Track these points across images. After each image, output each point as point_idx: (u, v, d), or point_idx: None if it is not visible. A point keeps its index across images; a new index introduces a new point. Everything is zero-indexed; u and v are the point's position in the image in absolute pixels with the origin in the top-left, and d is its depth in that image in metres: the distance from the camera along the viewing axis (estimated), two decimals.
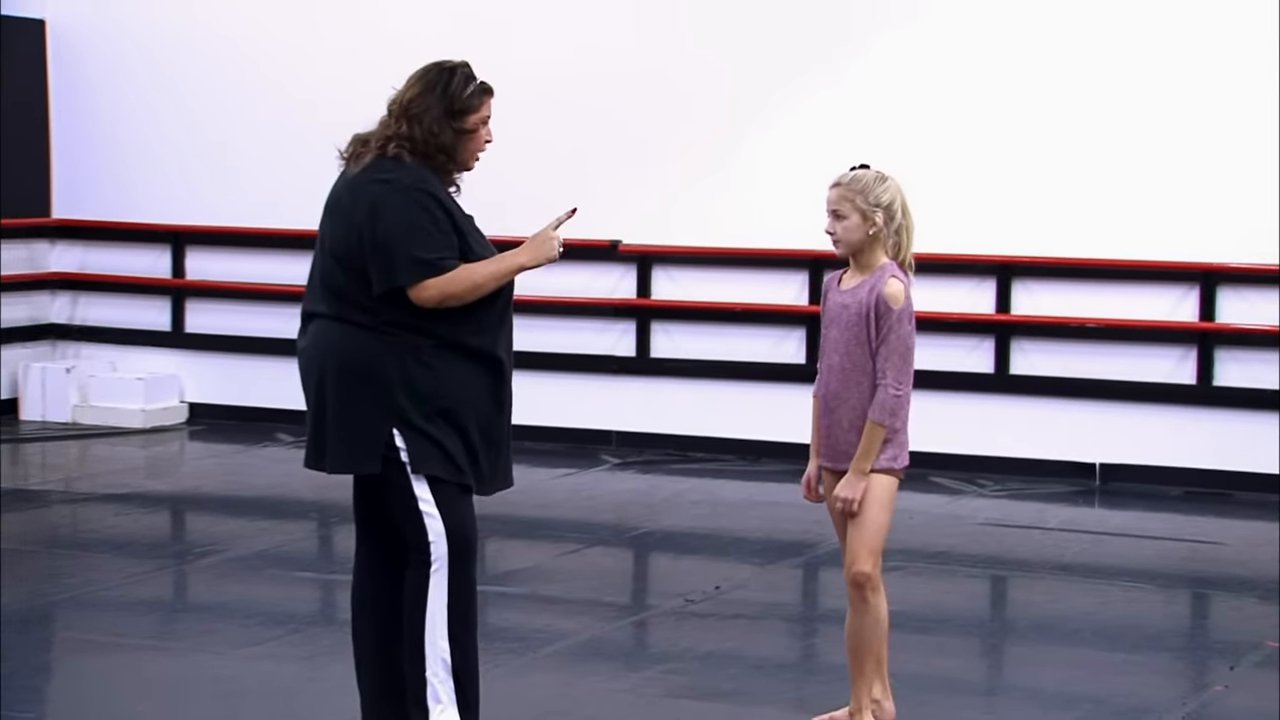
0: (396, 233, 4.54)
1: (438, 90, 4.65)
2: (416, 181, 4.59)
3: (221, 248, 10.96)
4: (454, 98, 4.66)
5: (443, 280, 4.55)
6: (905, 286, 4.84)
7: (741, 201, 9.93)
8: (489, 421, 4.68)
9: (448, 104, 4.65)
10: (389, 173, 4.59)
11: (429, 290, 4.55)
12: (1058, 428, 9.45)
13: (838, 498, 4.87)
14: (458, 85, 4.67)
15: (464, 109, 4.66)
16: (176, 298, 11.09)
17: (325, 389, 4.66)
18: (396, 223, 4.54)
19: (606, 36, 10.15)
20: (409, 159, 4.61)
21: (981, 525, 8.34)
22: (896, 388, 4.81)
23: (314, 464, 4.73)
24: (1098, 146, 9.34)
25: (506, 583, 6.99)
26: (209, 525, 8.27)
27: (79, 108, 11.16)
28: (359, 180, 4.63)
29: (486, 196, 5.12)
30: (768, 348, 9.95)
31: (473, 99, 4.68)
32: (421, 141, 4.62)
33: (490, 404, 4.68)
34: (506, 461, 4.78)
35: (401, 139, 4.62)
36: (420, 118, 4.63)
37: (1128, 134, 9.30)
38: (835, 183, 4.90)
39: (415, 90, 4.66)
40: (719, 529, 8.23)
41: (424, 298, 4.55)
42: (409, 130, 4.62)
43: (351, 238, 4.60)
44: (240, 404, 10.88)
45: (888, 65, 9.66)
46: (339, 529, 7.96)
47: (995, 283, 9.55)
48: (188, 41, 10.92)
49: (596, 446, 10.17)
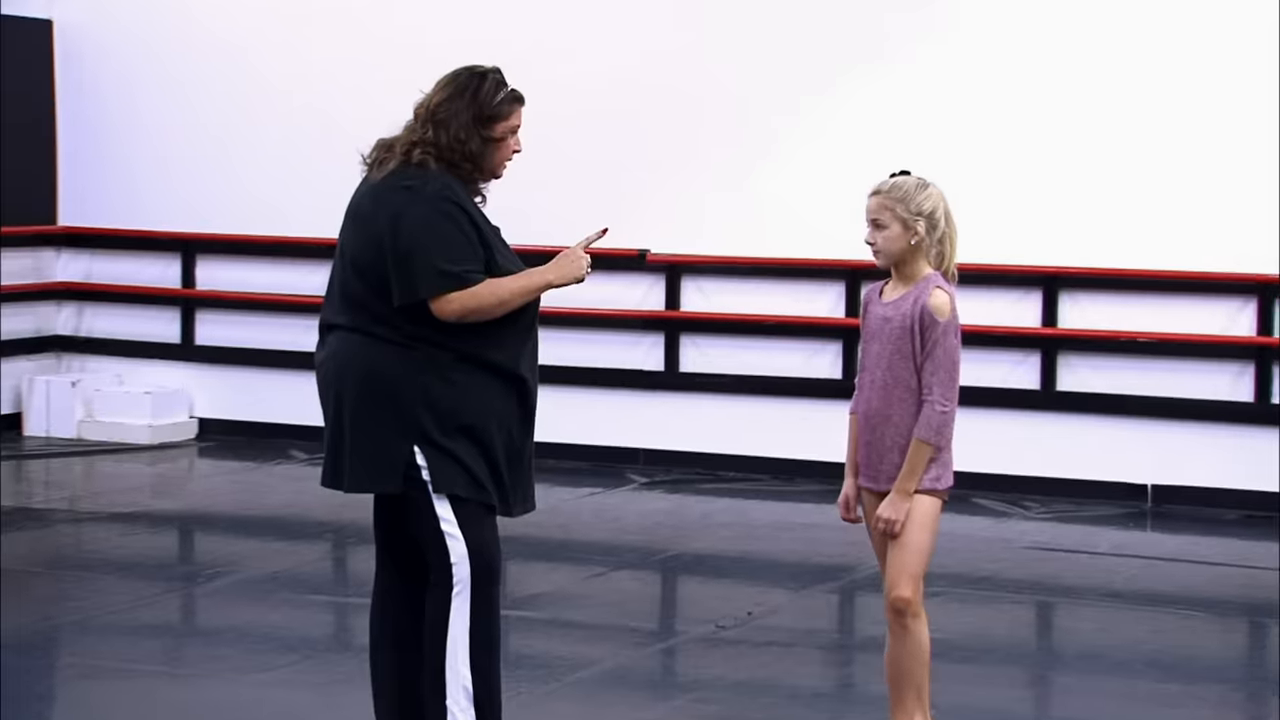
0: (420, 243, 4.54)
1: (467, 96, 4.65)
2: (442, 190, 4.59)
3: (233, 256, 10.99)
4: (483, 104, 4.66)
5: (466, 295, 4.55)
6: (951, 298, 4.83)
7: (775, 209, 9.93)
8: (512, 440, 4.68)
9: (477, 110, 4.65)
10: (413, 180, 4.59)
11: (452, 304, 4.55)
12: (1107, 447, 9.41)
13: (880, 518, 4.86)
14: (488, 92, 4.67)
15: (493, 116, 4.67)
16: (186, 309, 11.13)
17: (343, 404, 4.66)
18: (420, 232, 4.54)
19: (635, 39, 10.16)
20: (434, 166, 4.61)
21: (1027, 549, 8.32)
22: (943, 404, 4.80)
23: (331, 482, 4.74)
24: (1150, 151, 9.31)
25: (529, 607, 6.99)
26: (219, 546, 8.28)
27: (86, 111, 11.22)
28: (381, 187, 4.63)
29: (509, 204, 5.12)
30: (802, 362, 9.94)
31: (502, 106, 4.68)
32: (448, 148, 4.62)
33: (514, 422, 4.68)
34: (529, 483, 4.78)
35: (427, 145, 4.62)
36: (447, 123, 4.63)
37: (1182, 138, 9.26)
38: (875, 190, 4.89)
39: (444, 95, 4.66)
40: (751, 551, 8.21)
41: (446, 312, 4.55)
42: (435, 136, 4.62)
43: (372, 247, 4.60)
44: (252, 419, 10.90)
45: (928, 69, 9.65)
46: (355, 550, 7.97)
47: (1041, 294, 9.53)
48: (199, 43, 10.97)
49: (623, 465, 10.16)
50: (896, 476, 4.85)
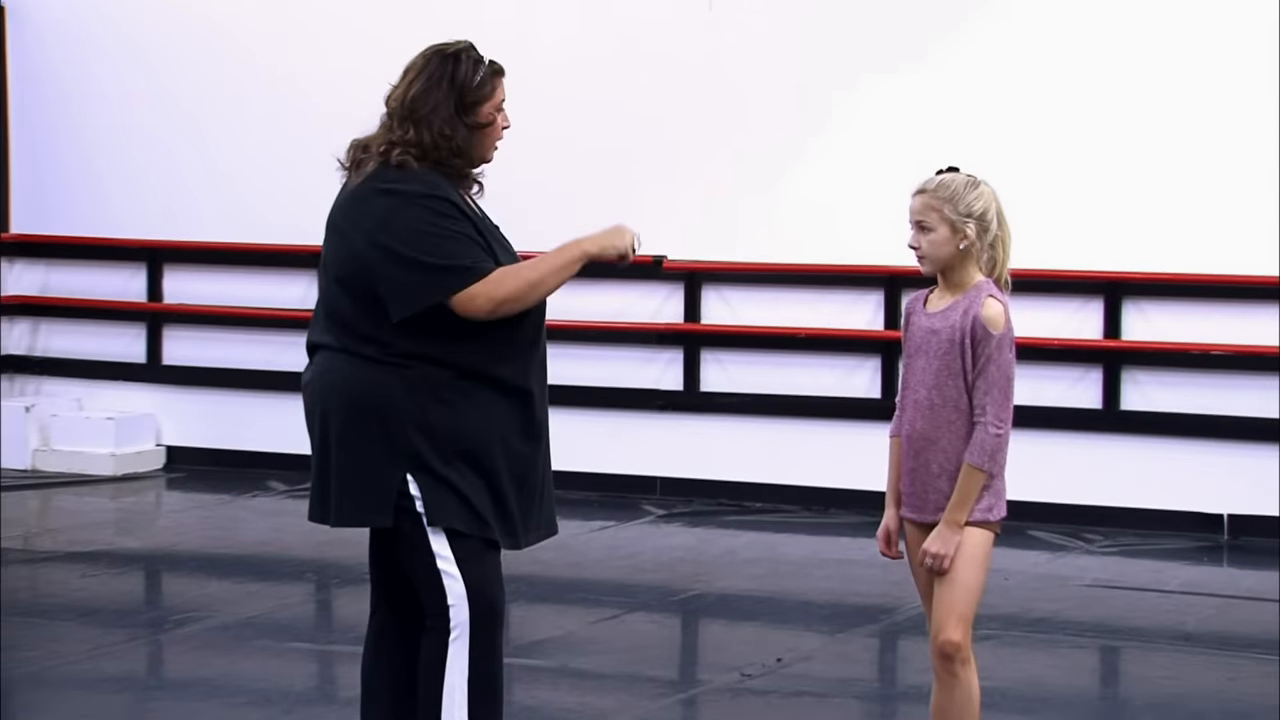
0: (416, 246, 4.53)
1: (445, 84, 4.65)
2: (429, 189, 4.59)
3: (206, 266, 11.01)
4: (464, 89, 4.66)
5: (489, 284, 4.52)
6: (1005, 308, 4.83)
7: (806, 211, 9.93)
8: (521, 462, 4.68)
9: (458, 98, 4.65)
10: (394, 182, 4.60)
11: (477, 300, 4.52)
12: (1178, 473, 9.39)
13: (927, 553, 4.85)
14: (465, 73, 4.66)
15: (476, 100, 4.67)
16: (153, 324, 11.15)
17: (329, 429, 4.67)
18: (413, 236, 4.53)
19: (651, 21, 10.17)
20: (416, 165, 4.61)
21: (1089, 587, 8.30)
22: (997, 426, 4.79)
23: (318, 516, 4.74)
24: (1221, 146, 9.30)
25: (534, 654, 6.98)
26: (190, 588, 8.28)
27: (43, 104, 11.24)
28: (361, 192, 4.63)
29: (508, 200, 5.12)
30: (837, 380, 9.93)
31: (484, 86, 4.68)
32: (433, 146, 4.63)
33: (522, 442, 4.68)
34: (548, 506, 4.78)
35: (409, 145, 4.61)
36: (428, 119, 4.63)
37: (1255, 130, 9.25)
38: (920, 189, 4.89)
39: (418, 87, 4.65)
40: (781, 591, 8.21)
41: (474, 309, 4.52)
42: (417, 135, 4.62)
43: (355, 260, 4.60)
44: (226, 447, 10.91)
45: (976, 58, 9.65)
46: (341, 592, 7.96)
47: (1103, 303, 9.52)
48: (170, 28, 10.99)
49: (638, 495, 10.16)
50: (944, 506, 4.84)
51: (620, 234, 4.74)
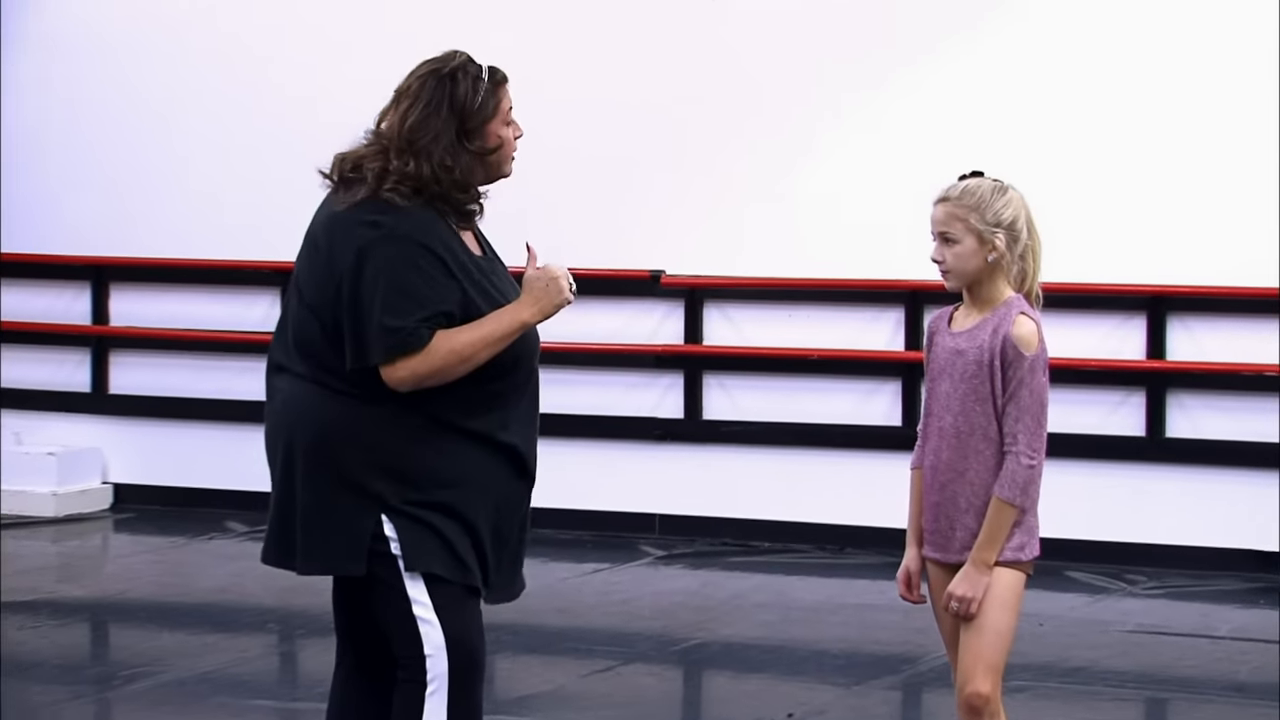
0: (376, 292, 4.55)
1: (444, 110, 4.66)
2: (414, 231, 4.60)
3: (156, 285, 11.00)
4: (465, 113, 4.68)
5: (417, 360, 4.56)
6: (1038, 326, 4.84)
7: (819, 220, 9.94)
8: (498, 512, 4.69)
9: (459, 124, 4.67)
10: (382, 214, 4.61)
11: (399, 371, 4.57)
12: (1229, 506, 9.39)
13: (952, 596, 4.85)
14: (465, 95, 4.68)
15: (480, 123, 4.69)
16: (98, 350, 11.14)
17: (294, 463, 4.67)
18: (380, 279, 4.55)
19: (649, 18, 10.18)
20: (406, 203, 4.61)
21: (1131, 633, 8.30)
22: (1030, 456, 4.79)
23: (277, 560, 4.74)
24: (1277, 143, 9.31)
25: (521, 711, 6.97)
26: (140, 641, 8.26)
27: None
28: (345, 219, 4.65)
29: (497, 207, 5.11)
30: (853, 406, 9.94)
31: (486, 105, 4.70)
32: (432, 179, 4.64)
33: (502, 497, 4.70)
34: (518, 566, 4.80)
35: (405, 178, 4.62)
36: (428, 150, 4.64)
37: None
38: (942, 197, 4.90)
39: (416, 115, 4.66)
40: (792, 640, 8.20)
41: (396, 379, 4.58)
42: (416, 168, 4.63)
43: (330, 286, 4.63)
44: (180, 485, 10.90)
45: (1001, 53, 9.66)
46: (306, 644, 7.95)
47: (1145, 319, 9.52)
48: (140, 21, 10.97)
49: (635, 535, 10.16)
50: (970, 545, 4.84)
51: (555, 288, 4.71)
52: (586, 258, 9.32)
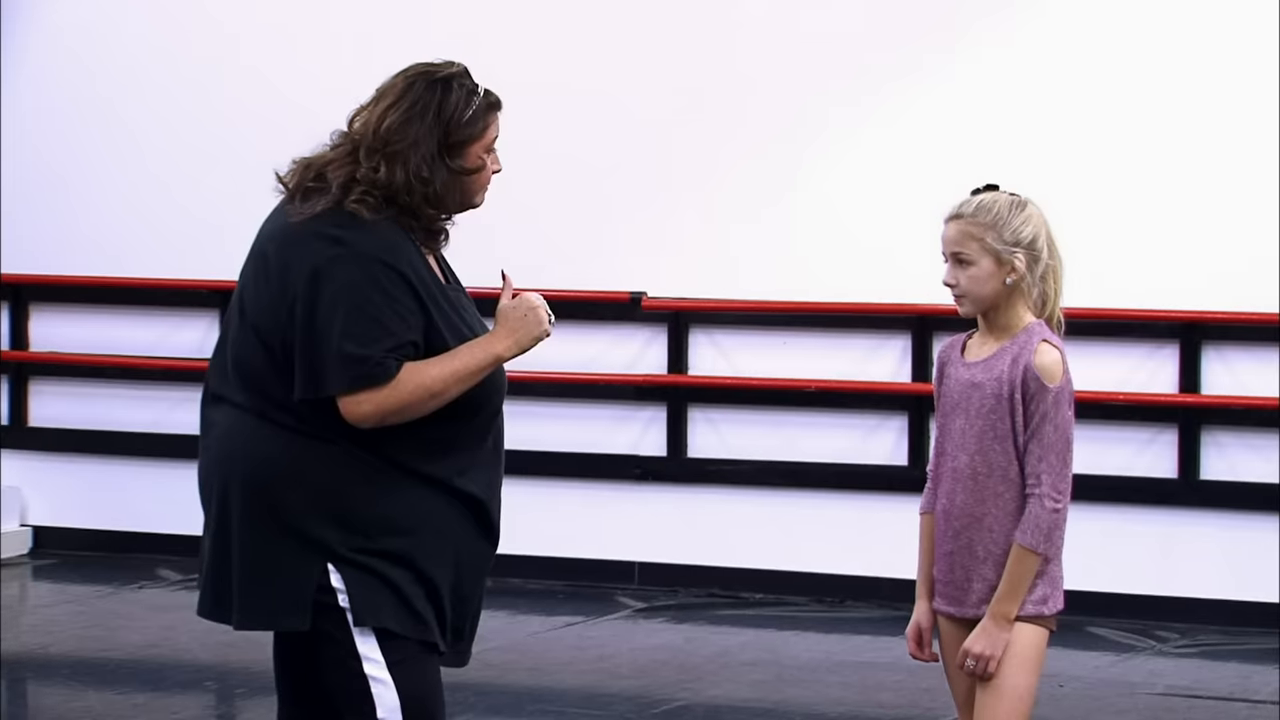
0: (336, 316, 4.53)
1: (429, 117, 4.66)
2: (379, 250, 4.59)
3: (81, 306, 10.99)
4: (451, 124, 4.67)
5: (383, 394, 4.55)
6: (1062, 355, 4.84)
7: (814, 239, 9.95)
8: (458, 567, 4.69)
9: (443, 135, 4.67)
10: (344, 229, 4.59)
11: (363, 406, 4.56)
12: (1269, 556, 9.40)
13: (968, 654, 4.85)
14: (456, 106, 4.68)
15: (464, 139, 4.69)
16: (16, 378, 11.12)
17: (230, 505, 4.66)
18: (340, 302, 4.54)
19: (633, 25, 10.19)
20: (372, 215, 4.60)
21: (1162, 695, 8.31)
22: (1055, 499, 4.79)
23: (213, 613, 4.73)
24: None
25: None
26: (63, 700, 8.24)
27: None
28: (301, 232, 4.63)
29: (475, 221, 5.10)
30: (854, 443, 9.94)
31: (476, 123, 4.70)
32: (404, 189, 4.64)
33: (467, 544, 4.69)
34: (470, 631, 4.80)
35: (374, 185, 4.62)
36: (404, 157, 4.64)
37: None
38: (955, 214, 4.91)
39: (397, 116, 4.66)
40: (786, 701, 8.20)
41: (358, 414, 4.57)
42: (388, 175, 4.63)
43: (282, 308, 4.61)
44: (106, 528, 10.88)
45: (1019, 56, 9.69)
46: (246, 704, 7.93)
47: (1178, 349, 9.54)
48: (38, 12, 10.99)
49: (612, 585, 10.15)
50: (988, 598, 4.84)
51: (533, 319, 4.74)
52: (559, 277, 9.34)
